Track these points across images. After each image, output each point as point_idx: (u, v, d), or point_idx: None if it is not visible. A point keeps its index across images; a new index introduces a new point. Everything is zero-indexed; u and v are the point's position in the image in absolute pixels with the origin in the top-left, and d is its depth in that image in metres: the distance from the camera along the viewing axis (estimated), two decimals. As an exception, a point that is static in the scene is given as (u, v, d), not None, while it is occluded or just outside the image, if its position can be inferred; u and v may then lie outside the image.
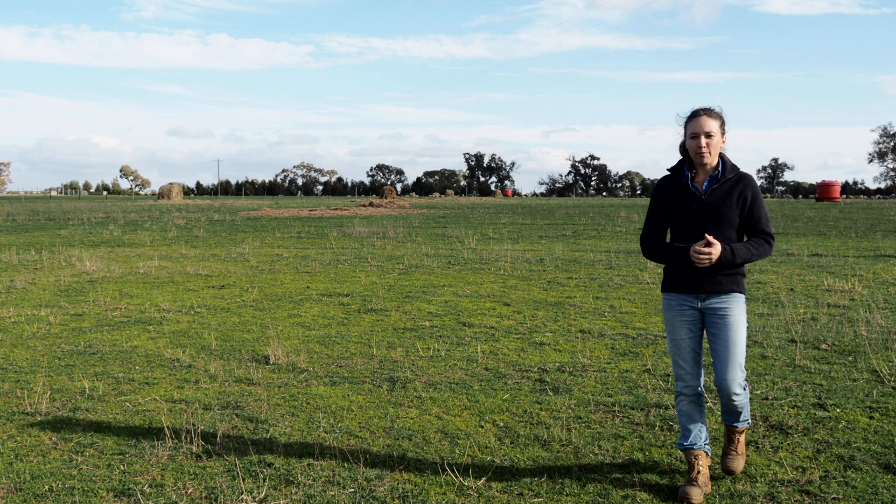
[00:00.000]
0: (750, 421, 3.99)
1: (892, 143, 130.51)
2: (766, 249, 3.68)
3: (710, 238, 3.58)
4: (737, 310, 3.69)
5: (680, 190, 3.76)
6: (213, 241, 19.29)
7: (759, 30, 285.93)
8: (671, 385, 5.48)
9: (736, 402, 3.76)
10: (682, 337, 3.78)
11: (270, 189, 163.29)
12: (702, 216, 3.69)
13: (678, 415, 3.87)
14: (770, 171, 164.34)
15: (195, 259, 14.69)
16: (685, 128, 3.78)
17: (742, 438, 3.95)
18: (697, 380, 3.81)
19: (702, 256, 3.58)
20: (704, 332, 3.83)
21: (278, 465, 4.02)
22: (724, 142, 3.74)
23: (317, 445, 4.32)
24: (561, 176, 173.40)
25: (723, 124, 3.73)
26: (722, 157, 3.75)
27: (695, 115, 3.73)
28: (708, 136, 3.66)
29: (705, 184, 3.72)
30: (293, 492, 3.71)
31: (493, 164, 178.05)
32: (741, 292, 3.72)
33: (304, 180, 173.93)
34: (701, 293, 3.72)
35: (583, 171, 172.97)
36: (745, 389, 3.77)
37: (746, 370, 4.95)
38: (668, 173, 3.88)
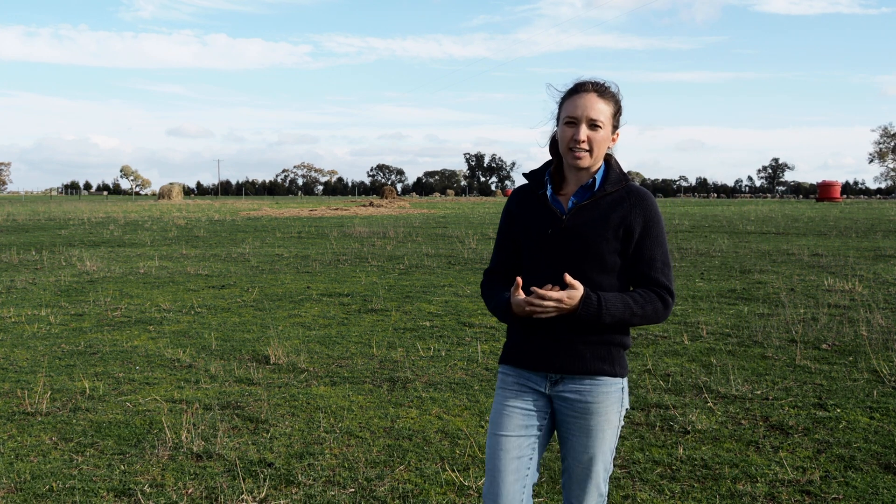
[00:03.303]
0: None
1: (892, 143, 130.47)
2: (657, 308, 2.29)
3: (570, 279, 2.22)
4: (605, 404, 2.33)
5: (535, 206, 2.42)
6: (214, 241, 19.28)
7: (758, 30, 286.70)
8: (671, 385, 5.47)
9: None
10: (506, 432, 2.35)
11: (271, 189, 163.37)
12: (558, 247, 2.33)
13: None
14: (770, 171, 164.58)
15: (195, 259, 14.69)
16: (560, 108, 2.39)
17: None
18: None
19: (543, 303, 2.20)
20: (553, 432, 2.47)
21: (278, 465, 4.02)
22: (614, 139, 2.41)
23: (317, 445, 4.32)
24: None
25: (618, 113, 2.38)
26: (608, 161, 2.41)
27: (578, 90, 2.34)
28: (592, 125, 2.30)
29: (572, 198, 2.38)
30: (293, 492, 3.71)
31: (493, 164, 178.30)
32: (618, 374, 2.35)
33: (305, 180, 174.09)
34: (552, 371, 2.34)
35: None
36: None
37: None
38: (525, 181, 2.51)
